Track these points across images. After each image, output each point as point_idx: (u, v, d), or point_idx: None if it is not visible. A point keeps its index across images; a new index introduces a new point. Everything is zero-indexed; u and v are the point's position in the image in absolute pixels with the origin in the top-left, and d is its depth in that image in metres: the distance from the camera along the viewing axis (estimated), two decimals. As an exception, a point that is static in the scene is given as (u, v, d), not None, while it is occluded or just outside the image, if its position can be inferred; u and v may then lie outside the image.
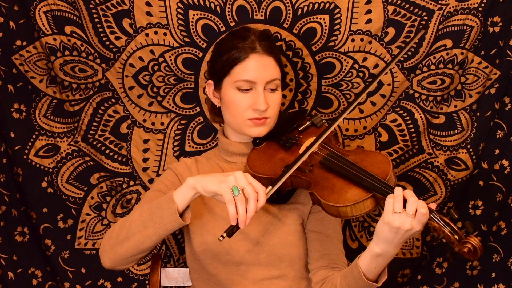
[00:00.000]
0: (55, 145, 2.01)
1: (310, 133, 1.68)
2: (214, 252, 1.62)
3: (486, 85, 1.99)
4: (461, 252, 1.34)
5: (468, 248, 1.32)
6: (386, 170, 1.46)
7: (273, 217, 1.64)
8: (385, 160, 1.51)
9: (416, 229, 1.36)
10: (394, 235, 1.37)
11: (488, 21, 1.95)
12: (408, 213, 1.35)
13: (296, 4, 1.95)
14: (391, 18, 1.96)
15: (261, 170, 1.60)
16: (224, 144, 1.73)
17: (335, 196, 1.44)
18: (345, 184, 1.46)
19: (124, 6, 1.95)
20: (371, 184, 1.42)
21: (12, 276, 2.00)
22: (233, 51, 1.62)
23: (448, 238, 1.35)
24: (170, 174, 1.73)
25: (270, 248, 1.61)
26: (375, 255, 1.42)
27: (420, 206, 1.35)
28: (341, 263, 1.63)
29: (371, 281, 1.45)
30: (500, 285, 2.07)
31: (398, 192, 1.37)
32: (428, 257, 2.10)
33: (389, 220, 1.36)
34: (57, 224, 2.03)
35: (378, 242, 1.41)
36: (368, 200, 1.42)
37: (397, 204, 1.36)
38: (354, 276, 1.46)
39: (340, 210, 1.42)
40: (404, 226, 1.35)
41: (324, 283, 1.58)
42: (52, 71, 1.97)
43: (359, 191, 1.43)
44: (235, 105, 1.62)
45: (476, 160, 2.03)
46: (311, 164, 1.55)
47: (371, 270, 1.45)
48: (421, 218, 1.35)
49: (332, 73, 2.01)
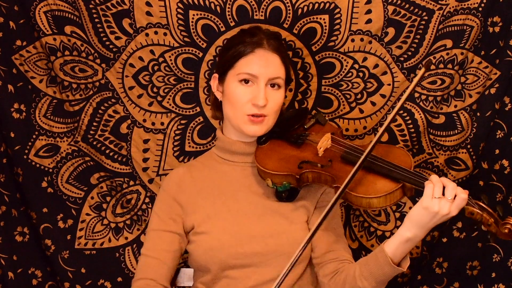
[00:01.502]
0: (55, 145, 2.01)
1: (317, 130, 1.70)
2: (220, 258, 1.60)
3: (486, 85, 1.99)
4: (498, 234, 1.40)
5: (509, 228, 1.39)
6: (408, 161, 1.53)
7: (280, 217, 1.63)
8: (404, 152, 1.59)
9: (453, 214, 1.41)
10: (430, 219, 1.42)
11: (488, 21, 1.95)
12: (447, 198, 1.40)
13: (296, 4, 1.95)
14: (391, 18, 1.96)
15: (274, 167, 1.61)
16: (226, 144, 1.71)
17: (364, 188, 1.49)
18: (372, 176, 1.51)
19: (124, 6, 1.95)
20: (400, 175, 1.47)
21: (12, 276, 2.00)
22: (240, 45, 1.62)
23: (486, 221, 1.41)
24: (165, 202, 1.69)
25: (279, 248, 1.60)
26: (404, 240, 1.46)
27: (459, 191, 1.41)
28: (348, 255, 1.65)
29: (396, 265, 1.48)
30: (500, 285, 2.07)
31: (436, 178, 1.42)
32: (428, 257, 2.10)
33: (429, 205, 1.40)
34: (57, 224, 2.03)
35: (411, 226, 1.44)
36: (398, 190, 1.47)
37: (437, 189, 1.40)
38: (379, 262, 1.48)
39: (371, 202, 1.47)
40: (443, 210, 1.40)
41: (336, 275, 1.58)
42: (52, 71, 1.97)
43: (388, 182, 1.48)
44: (235, 98, 1.61)
45: (476, 160, 2.03)
46: (329, 159, 1.58)
47: (397, 255, 1.48)
48: (460, 203, 1.41)
49: (332, 73, 2.01)
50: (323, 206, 1.63)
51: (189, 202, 1.67)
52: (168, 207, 1.68)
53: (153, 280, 1.62)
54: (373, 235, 2.09)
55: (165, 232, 1.65)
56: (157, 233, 1.66)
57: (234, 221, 1.62)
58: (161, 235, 1.65)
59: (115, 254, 2.07)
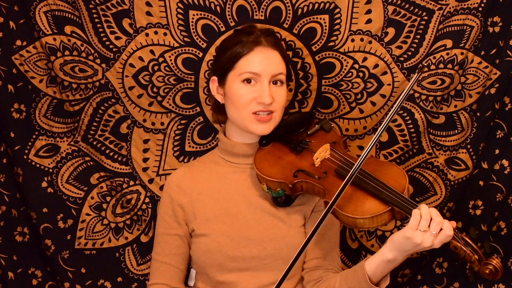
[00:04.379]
0: (55, 145, 2.01)
1: (319, 137, 1.67)
2: (218, 261, 1.61)
3: (486, 85, 1.99)
4: (481, 272, 1.36)
5: (490, 269, 1.35)
6: (403, 183, 1.47)
7: (278, 221, 1.63)
8: (401, 172, 1.51)
9: (435, 247, 1.39)
10: (411, 248, 1.40)
11: (488, 21, 1.95)
12: (431, 233, 1.37)
13: (296, 4, 1.95)
14: (391, 18, 1.96)
15: (270, 172, 1.59)
16: (227, 146, 1.71)
17: (352, 207, 1.44)
18: (362, 195, 1.46)
19: (124, 6, 1.95)
20: (390, 197, 1.42)
21: (12, 276, 2.00)
22: (237, 45, 1.61)
23: (469, 257, 1.37)
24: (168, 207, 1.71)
25: (276, 252, 1.60)
26: (386, 260, 1.44)
27: (446, 228, 1.37)
28: (335, 265, 1.63)
29: (375, 284, 1.46)
30: (500, 285, 2.07)
31: (425, 210, 1.38)
32: (428, 257, 2.10)
33: (412, 235, 1.38)
34: (57, 224, 2.03)
35: (392, 249, 1.42)
36: (386, 213, 1.42)
37: (423, 222, 1.37)
38: (357, 278, 1.46)
39: (357, 222, 1.42)
40: (425, 243, 1.37)
41: (319, 283, 1.58)
42: (52, 71, 1.97)
43: (377, 203, 1.43)
44: (239, 98, 1.60)
45: (476, 160, 2.03)
46: (324, 171, 1.55)
47: (377, 274, 1.46)
48: (444, 239, 1.38)
49: (332, 73, 2.01)
50: (320, 210, 1.63)
51: (189, 204, 1.68)
52: (172, 211, 1.70)
53: (166, 285, 1.68)
54: (373, 235, 2.09)
55: (172, 236, 1.68)
56: (164, 237, 1.70)
57: (232, 224, 1.62)
58: (168, 239, 1.68)
59: (115, 254, 2.07)
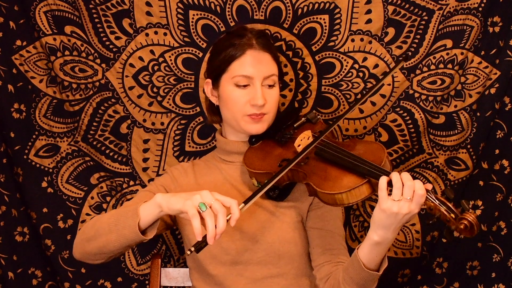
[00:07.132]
0: (55, 145, 2.01)
1: (305, 128, 1.69)
2: (213, 253, 1.63)
3: (486, 85, 1.99)
4: (458, 230, 1.31)
5: (465, 224, 1.30)
6: (381, 156, 1.47)
7: (270, 215, 1.64)
8: (380, 147, 1.52)
9: (414, 211, 1.35)
10: (392, 220, 1.36)
11: (488, 21, 1.95)
12: (406, 198, 1.34)
13: (296, 4, 1.95)
14: (391, 18, 1.96)
15: (258, 166, 1.61)
16: (222, 144, 1.74)
17: (330, 184, 1.45)
18: (340, 172, 1.47)
19: (124, 6, 1.95)
20: (365, 169, 1.42)
21: (12, 276, 2.00)
22: (230, 48, 1.63)
23: (444, 216, 1.33)
24: (165, 178, 1.75)
25: (269, 246, 1.61)
26: (374, 244, 1.41)
27: (417, 188, 1.34)
28: (344, 258, 1.62)
29: (373, 270, 1.45)
30: (500, 285, 2.07)
31: (396, 177, 1.36)
32: (428, 257, 2.10)
33: (386, 206, 1.35)
34: (57, 224, 2.03)
35: (376, 229, 1.40)
36: (364, 186, 1.42)
37: (396, 191, 1.35)
38: (355, 268, 1.46)
39: (336, 198, 1.43)
40: (402, 210, 1.34)
41: (329, 279, 1.58)
42: (52, 71, 1.97)
43: (354, 177, 1.44)
44: (233, 101, 1.63)
45: (476, 160, 2.03)
46: (307, 157, 1.56)
47: (372, 259, 1.45)
48: (419, 200, 1.34)
49: (332, 73, 2.01)
50: (317, 208, 1.65)
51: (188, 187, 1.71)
52: (166, 181, 1.73)
53: None
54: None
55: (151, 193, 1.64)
56: (146, 194, 1.67)
57: None
58: (148, 194, 1.66)
59: (115, 254, 2.07)
